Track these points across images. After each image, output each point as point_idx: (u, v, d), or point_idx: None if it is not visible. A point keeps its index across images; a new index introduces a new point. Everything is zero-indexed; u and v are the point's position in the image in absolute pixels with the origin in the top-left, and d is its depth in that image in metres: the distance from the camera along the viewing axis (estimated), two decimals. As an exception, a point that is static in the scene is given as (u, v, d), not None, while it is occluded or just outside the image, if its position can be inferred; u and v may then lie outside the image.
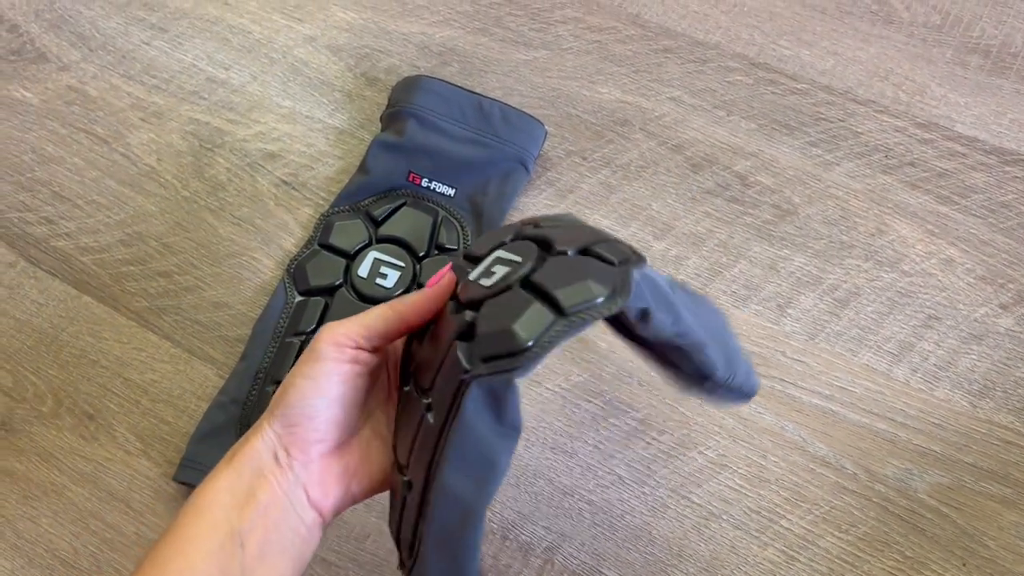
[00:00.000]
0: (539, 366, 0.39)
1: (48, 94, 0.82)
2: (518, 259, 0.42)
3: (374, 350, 0.46)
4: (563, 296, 0.38)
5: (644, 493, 0.63)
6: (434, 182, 0.73)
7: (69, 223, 0.76)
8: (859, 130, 0.74)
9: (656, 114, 0.76)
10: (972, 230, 0.69)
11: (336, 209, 0.73)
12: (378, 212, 0.72)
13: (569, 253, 0.42)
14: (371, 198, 0.73)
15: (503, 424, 0.40)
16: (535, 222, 0.47)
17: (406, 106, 0.74)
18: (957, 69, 0.76)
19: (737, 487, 0.62)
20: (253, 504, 0.43)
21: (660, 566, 0.60)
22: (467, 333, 0.40)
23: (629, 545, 0.61)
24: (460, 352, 0.39)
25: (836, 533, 0.60)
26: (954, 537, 0.60)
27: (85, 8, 0.87)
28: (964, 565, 0.59)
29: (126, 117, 0.81)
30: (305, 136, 0.78)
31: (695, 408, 0.65)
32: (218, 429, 0.65)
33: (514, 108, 0.73)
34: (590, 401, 0.65)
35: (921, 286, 0.68)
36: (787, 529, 0.61)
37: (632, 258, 0.41)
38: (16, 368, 0.70)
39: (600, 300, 0.38)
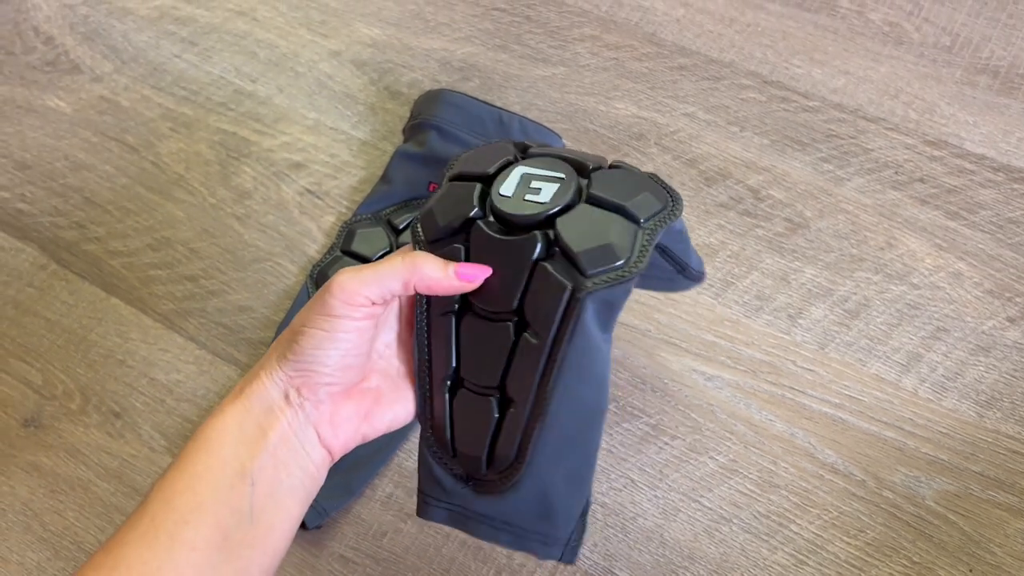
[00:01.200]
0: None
1: (81, 104, 0.85)
2: (560, 175, 0.46)
3: (385, 302, 0.45)
4: (635, 209, 0.44)
5: (656, 496, 0.64)
6: (454, 192, 0.75)
7: (99, 228, 0.78)
8: (869, 147, 0.76)
9: (671, 129, 0.78)
10: (980, 245, 0.71)
11: (358, 217, 0.75)
12: (399, 221, 0.74)
13: (604, 167, 0.48)
14: (392, 207, 0.75)
15: (607, 332, 0.44)
16: (524, 146, 0.51)
17: (428, 118, 0.76)
18: (966, 89, 0.78)
19: (748, 492, 0.64)
20: (263, 442, 0.43)
21: (671, 568, 0.62)
22: (550, 252, 0.44)
23: (641, 547, 0.62)
24: (557, 273, 0.43)
25: (844, 538, 0.62)
26: (961, 544, 0.61)
27: (118, 22, 0.90)
28: (970, 571, 0.60)
29: (156, 127, 0.83)
30: (329, 147, 0.81)
31: (707, 414, 0.66)
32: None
33: (533, 121, 0.75)
34: (604, 406, 0.67)
35: (930, 299, 0.69)
36: (796, 534, 0.62)
37: (654, 176, 0.47)
38: (46, 366, 0.72)
39: (664, 209, 0.45)
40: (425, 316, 0.48)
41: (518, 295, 0.45)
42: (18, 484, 0.68)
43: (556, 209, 0.45)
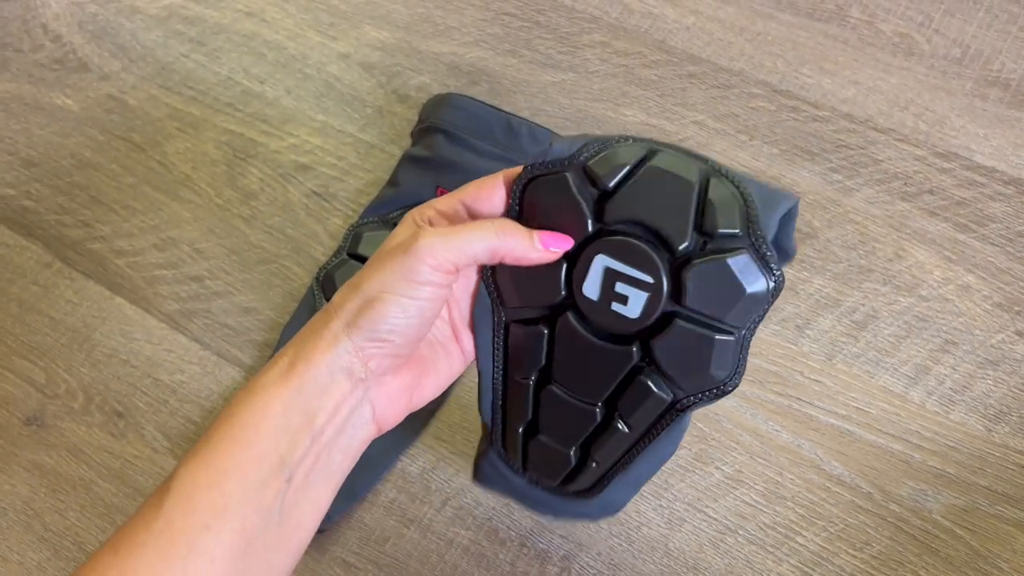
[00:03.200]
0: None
1: (88, 102, 0.85)
2: (648, 279, 0.41)
3: (465, 268, 0.42)
4: (735, 320, 0.42)
5: (661, 506, 0.63)
6: (461, 197, 0.75)
7: (105, 226, 0.78)
8: (879, 158, 0.76)
9: (680, 137, 0.78)
10: (989, 258, 0.70)
11: (365, 220, 0.75)
12: (406, 224, 0.73)
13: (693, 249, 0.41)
14: (399, 210, 0.75)
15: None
16: (594, 184, 0.42)
17: (436, 122, 0.76)
18: (976, 101, 0.77)
19: (753, 503, 0.63)
20: (309, 429, 0.38)
21: (675, 578, 0.61)
22: (644, 360, 0.44)
23: (645, 556, 0.62)
24: (655, 387, 0.44)
25: (850, 551, 0.61)
26: (968, 559, 0.60)
27: (126, 20, 0.90)
28: (977, 586, 0.59)
29: (163, 126, 0.83)
30: (337, 149, 0.80)
31: (713, 424, 0.66)
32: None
33: (542, 127, 0.75)
34: (609, 414, 0.66)
35: (938, 311, 0.69)
36: (802, 546, 0.62)
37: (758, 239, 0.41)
38: (49, 365, 0.72)
39: (767, 299, 0.42)
40: (502, 375, 0.47)
41: (608, 393, 0.45)
42: (19, 483, 0.67)
43: (649, 323, 0.42)
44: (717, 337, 0.41)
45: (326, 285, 0.72)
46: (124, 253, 0.76)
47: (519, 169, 0.43)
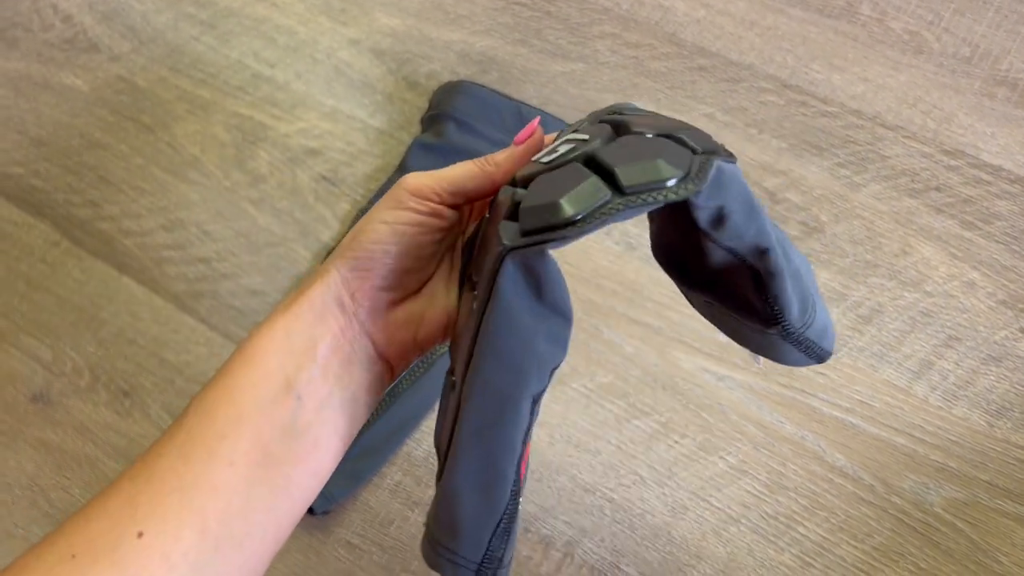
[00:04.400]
0: (579, 239, 0.34)
1: (98, 82, 0.85)
2: (585, 137, 0.38)
3: (454, 206, 0.43)
4: (624, 173, 0.33)
5: (664, 494, 0.64)
6: (470, 184, 0.75)
7: (113, 206, 0.78)
8: (887, 154, 0.76)
9: (689, 129, 0.78)
10: (995, 255, 0.71)
11: (373, 205, 0.75)
12: (414, 210, 0.74)
13: (647, 135, 0.36)
14: (408, 197, 0.75)
15: (543, 303, 0.36)
16: (618, 109, 0.41)
17: (446, 109, 0.76)
18: (984, 100, 0.78)
19: (756, 493, 0.64)
20: (312, 352, 0.40)
21: (678, 565, 0.62)
22: (515, 211, 0.36)
23: (648, 543, 0.62)
24: (501, 230, 0.35)
25: (852, 542, 0.62)
26: (968, 552, 0.61)
27: (137, 2, 0.90)
28: (977, 579, 0.60)
29: (172, 108, 0.83)
30: (346, 134, 0.80)
31: (717, 414, 0.66)
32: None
33: (552, 116, 0.75)
34: (614, 402, 0.67)
35: (943, 307, 0.69)
36: (804, 536, 0.62)
37: (719, 149, 0.35)
38: (55, 343, 0.72)
39: (671, 182, 0.32)
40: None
41: (485, 258, 0.37)
42: (25, 459, 0.67)
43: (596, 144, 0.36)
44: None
45: (334, 269, 0.72)
46: (132, 233, 0.76)
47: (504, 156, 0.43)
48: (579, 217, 0.32)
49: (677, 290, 0.69)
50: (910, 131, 0.77)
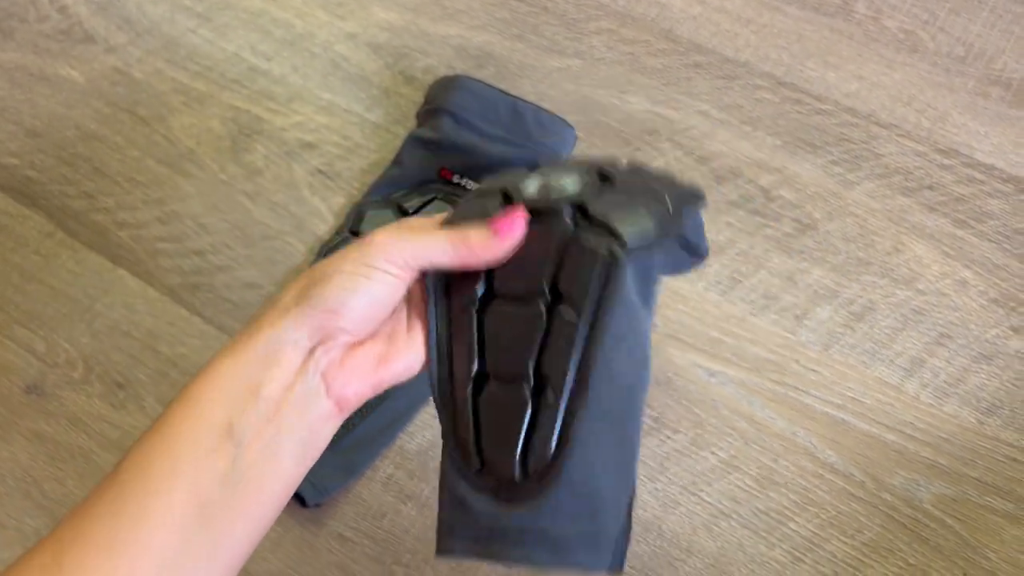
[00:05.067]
0: None
1: (94, 74, 0.85)
2: (580, 173, 0.45)
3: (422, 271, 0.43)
4: (665, 191, 0.44)
5: (656, 488, 0.64)
6: (465, 179, 0.75)
7: (108, 198, 0.78)
8: (880, 152, 0.76)
9: (683, 126, 0.79)
10: (987, 254, 0.71)
11: (369, 200, 0.75)
12: (409, 205, 0.74)
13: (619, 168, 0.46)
14: (403, 191, 0.75)
15: (647, 306, 0.43)
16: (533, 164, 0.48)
17: (442, 104, 0.76)
18: (978, 99, 0.78)
19: (747, 488, 0.64)
20: (257, 394, 0.38)
21: (668, 559, 0.62)
22: (580, 224, 0.43)
23: (639, 538, 0.63)
24: (590, 241, 0.42)
25: (842, 538, 0.62)
26: (957, 548, 0.61)
27: (134, -6, 0.90)
28: (965, 575, 0.60)
29: (168, 100, 0.83)
30: (342, 128, 0.81)
31: (710, 410, 0.66)
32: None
33: (547, 112, 0.75)
34: (607, 397, 0.67)
35: (935, 305, 0.70)
36: (794, 531, 0.62)
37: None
38: (49, 334, 0.72)
39: (693, 197, 0.45)
40: (446, 314, 0.45)
41: (550, 271, 0.42)
42: (19, 450, 0.67)
43: (583, 192, 0.44)
44: (647, 195, 0.44)
45: (328, 263, 0.72)
46: (127, 225, 0.76)
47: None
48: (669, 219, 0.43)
49: (671, 286, 0.70)
50: (904, 129, 0.77)
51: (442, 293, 0.45)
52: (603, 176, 0.45)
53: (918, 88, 0.79)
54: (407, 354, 0.44)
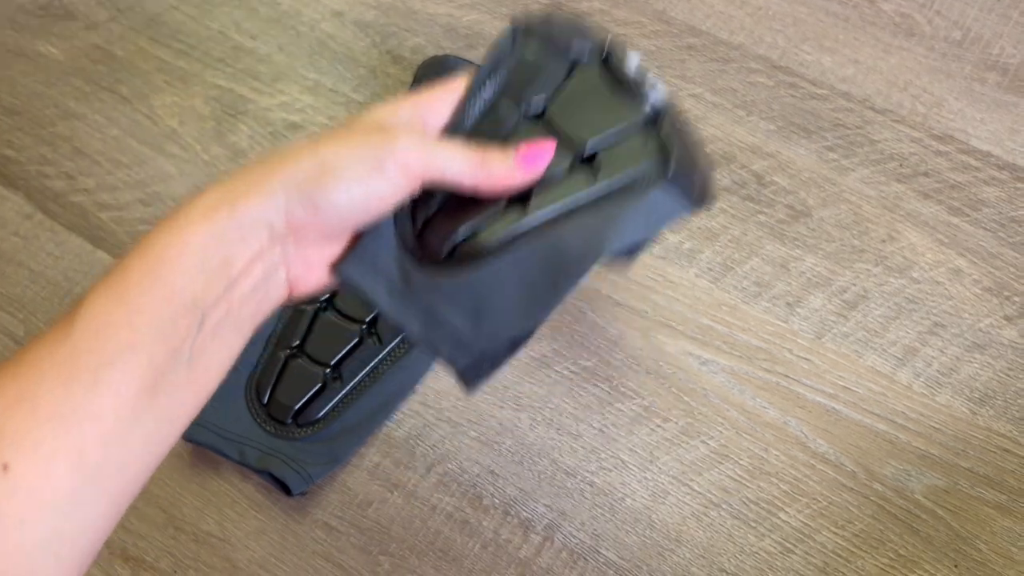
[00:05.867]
0: None
1: (74, 51, 0.83)
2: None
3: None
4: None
5: (646, 478, 0.63)
6: (454, 162, 0.74)
7: (88, 179, 0.76)
8: (875, 138, 0.75)
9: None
10: (981, 242, 0.70)
11: (355, 182, 0.73)
12: (397, 188, 0.72)
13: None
14: (391, 173, 0.74)
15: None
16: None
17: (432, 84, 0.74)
18: (975, 85, 0.77)
19: (737, 478, 0.63)
20: (225, 274, 0.37)
21: (658, 549, 0.61)
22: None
23: (628, 528, 0.62)
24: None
25: (832, 528, 0.61)
26: (947, 539, 0.61)
27: (115, -31, 0.87)
28: (956, 567, 0.60)
29: (151, 79, 0.81)
30: (328, 109, 0.79)
31: (700, 398, 0.66)
32: (226, 391, 0.66)
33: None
34: (597, 386, 0.66)
35: (928, 294, 0.69)
36: (785, 522, 0.62)
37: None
38: (28, 318, 0.70)
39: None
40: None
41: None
42: (-4, 436, 0.66)
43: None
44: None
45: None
46: (108, 207, 0.75)
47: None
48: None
49: (662, 273, 0.69)
50: (899, 115, 0.76)
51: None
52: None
53: (914, 73, 0.78)
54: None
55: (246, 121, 0.78)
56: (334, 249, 0.42)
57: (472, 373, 0.43)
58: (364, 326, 0.67)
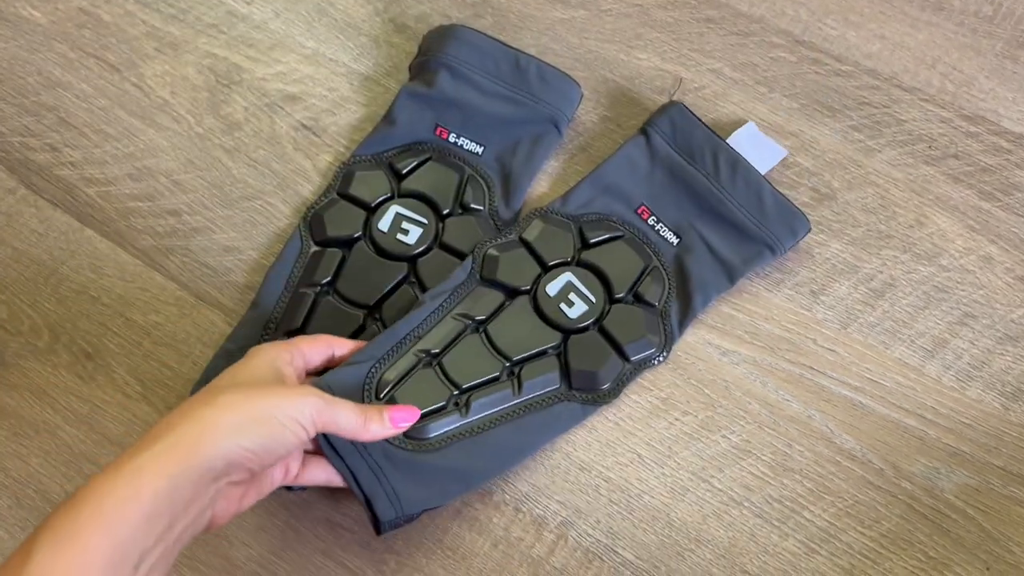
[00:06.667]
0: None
1: (58, 15, 0.78)
2: (593, 300, 0.63)
3: None
4: (630, 350, 0.62)
5: (664, 474, 0.61)
6: (462, 138, 0.70)
7: (74, 152, 0.72)
8: (903, 118, 0.72)
9: (696, 85, 0.74)
10: (1014, 228, 0.67)
11: (358, 158, 0.70)
12: (402, 165, 0.69)
13: (625, 300, 0.64)
14: (395, 150, 0.70)
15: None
16: (587, 240, 0.65)
17: (438, 55, 0.70)
18: (1007, 63, 0.74)
19: (760, 474, 0.60)
20: (171, 530, 0.42)
21: (677, 549, 0.58)
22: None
23: (646, 526, 0.59)
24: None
25: (859, 528, 0.59)
26: (979, 540, 0.58)
27: (101, -72, 0.82)
28: (988, 569, 0.57)
29: (140, 46, 0.77)
30: (328, 80, 0.75)
31: (721, 391, 0.63)
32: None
33: (551, 66, 0.70)
34: (613, 376, 0.63)
35: (958, 282, 0.66)
36: (809, 521, 0.59)
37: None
38: (12, 299, 0.67)
39: (654, 352, 0.63)
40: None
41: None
42: (-22, 425, 0.63)
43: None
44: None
45: (314, 226, 0.67)
46: (95, 182, 0.71)
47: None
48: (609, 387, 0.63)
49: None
50: (928, 94, 0.73)
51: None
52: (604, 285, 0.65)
53: (943, 50, 0.75)
54: (278, 480, 0.52)
55: (241, 92, 0.74)
56: (247, 489, 0.49)
57: (389, 527, 0.54)
58: (367, 311, 0.64)
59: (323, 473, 0.54)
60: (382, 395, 0.57)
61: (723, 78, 0.74)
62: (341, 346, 0.58)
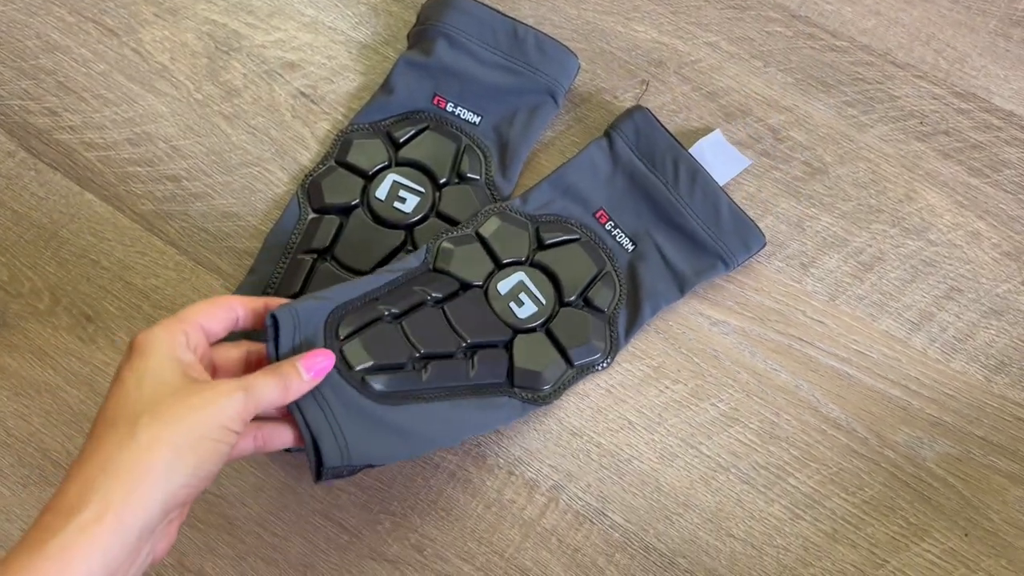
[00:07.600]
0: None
1: (56, -22, 0.78)
2: (543, 301, 0.63)
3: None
4: (575, 354, 0.62)
5: (654, 440, 0.62)
6: (459, 107, 0.70)
7: (74, 116, 0.72)
8: (896, 94, 0.73)
9: (692, 58, 0.74)
10: (1001, 205, 0.69)
11: (355, 126, 0.70)
12: (399, 133, 0.69)
13: (575, 304, 0.64)
14: (392, 118, 0.71)
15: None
16: (543, 241, 0.65)
17: (436, 24, 0.71)
18: (1000, 40, 0.75)
19: (747, 442, 0.62)
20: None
21: (665, 513, 0.60)
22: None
23: (635, 490, 0.61)
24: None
25: (842, 495, 0.60)
26: (958, 508, 0.60)
27: None
28: (966, 535, 0.59)
29: (139, 11, 0.77)
30: (327, 48, 0.75)
31: (711, 360, 0.64)
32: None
33: (549, 37, 0.70)
34: (605, 344, 0.64)
35: (946, 257, 0.67)
36: (794, 487, 0.61)
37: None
38: (12, 261, 0.67)
39: (598, 357, 0.63)
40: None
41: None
42: (-20, 385, 0.63)
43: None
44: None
45: (312, 193, 0.67)
46: (95, 146, 0.71)
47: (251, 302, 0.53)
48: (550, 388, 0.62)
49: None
50: (921, 70, 0.74)
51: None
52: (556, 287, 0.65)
53: (937, 27, 0.75)
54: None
55: (240, 58, 0.75)
56: (185, 508, 0.47)
57: (331, 474, 0.52)
58: (365, 278, 0.64)
59: (288, 434, 0.52)
60: (342, 336, 0.55)
61: (719, 51, 0.75)
62: (244, 305, 0.52)
